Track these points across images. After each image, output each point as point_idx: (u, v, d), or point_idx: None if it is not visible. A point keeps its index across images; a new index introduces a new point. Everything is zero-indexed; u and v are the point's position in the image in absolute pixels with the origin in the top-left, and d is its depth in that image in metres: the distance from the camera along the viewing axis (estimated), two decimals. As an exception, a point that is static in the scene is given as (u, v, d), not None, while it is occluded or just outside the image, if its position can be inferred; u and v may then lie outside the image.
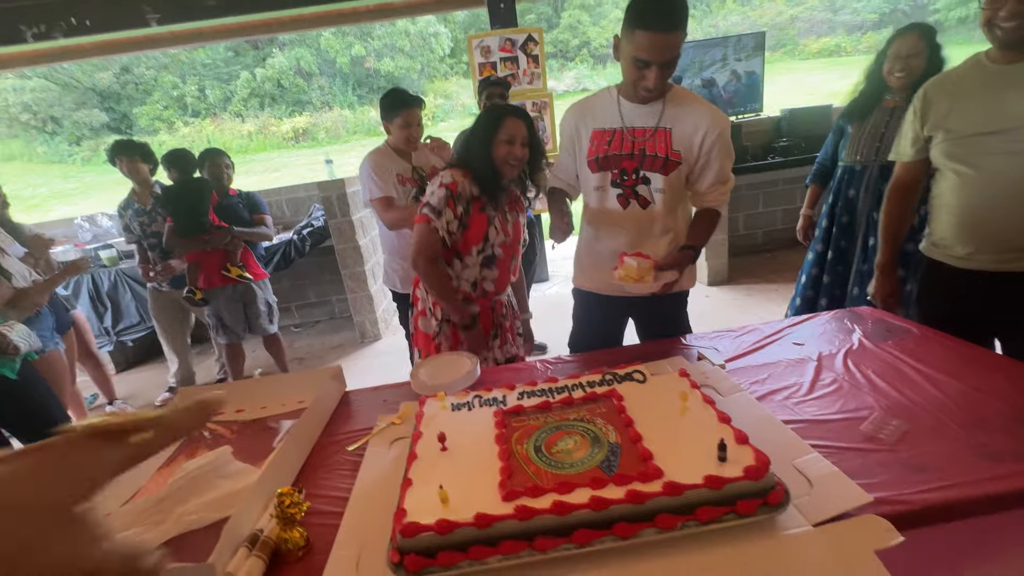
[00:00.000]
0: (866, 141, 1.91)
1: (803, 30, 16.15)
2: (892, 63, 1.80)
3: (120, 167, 2.66)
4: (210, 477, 0.96)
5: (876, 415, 0.88)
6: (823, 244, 2.12)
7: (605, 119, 1.32)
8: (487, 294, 1.46)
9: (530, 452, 0.81)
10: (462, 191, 1.34)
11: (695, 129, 1.24)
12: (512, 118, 1.33)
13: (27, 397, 1.63)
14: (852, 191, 1.97)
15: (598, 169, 1.34)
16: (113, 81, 14.56)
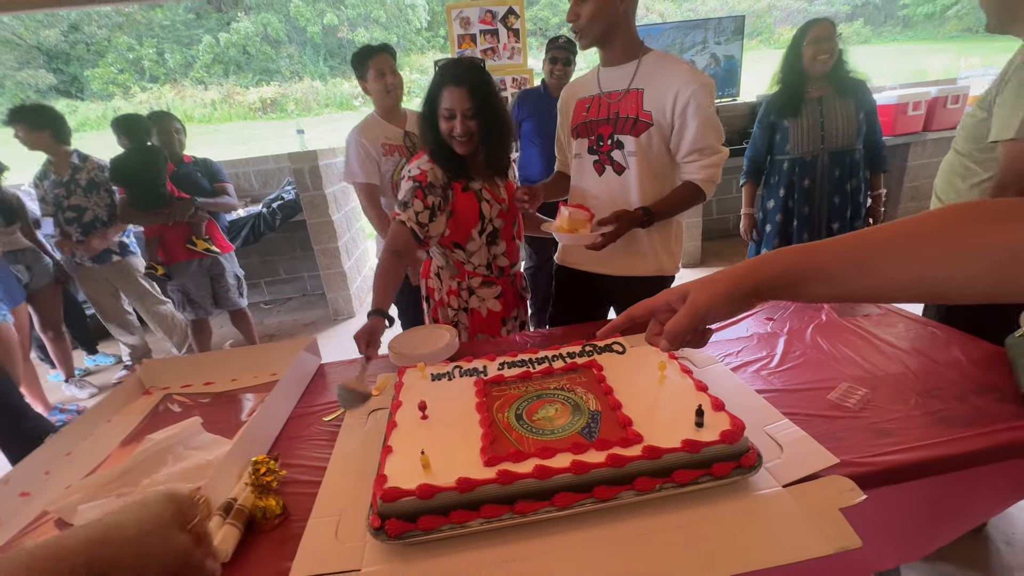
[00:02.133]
0: (809, 133, 1.98)
1: (779, 18, 16.35)
2: (816, 47, 1.90)
3: (18, 136, 2.34)
4: (178, 448, 0.93)
5: (843, 385, 0.92)
6: (780, 239, 2.15)
7: (586, 89, 1.33)
8: (504, 271, 1.38)
9: (511, 420, 0.81)
10: (432, 180, 1.22)
11: (667, 89, 1.19)
12: (449, 87, 1.14)
13: None
14: (807, 181, 2.04)
15: (577, 136, 1.34)
16: (61, 39, 13.50)
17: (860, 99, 1.95)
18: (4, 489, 0.84)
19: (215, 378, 1.24)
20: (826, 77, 1.93)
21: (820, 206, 2.06)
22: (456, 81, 1.15)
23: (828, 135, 1.96)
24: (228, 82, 14.01)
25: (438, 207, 1.23)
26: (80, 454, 0.97)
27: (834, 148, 1.98)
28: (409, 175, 1.26)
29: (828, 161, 2.00)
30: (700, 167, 1.25)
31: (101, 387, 2.91)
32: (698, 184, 1.26)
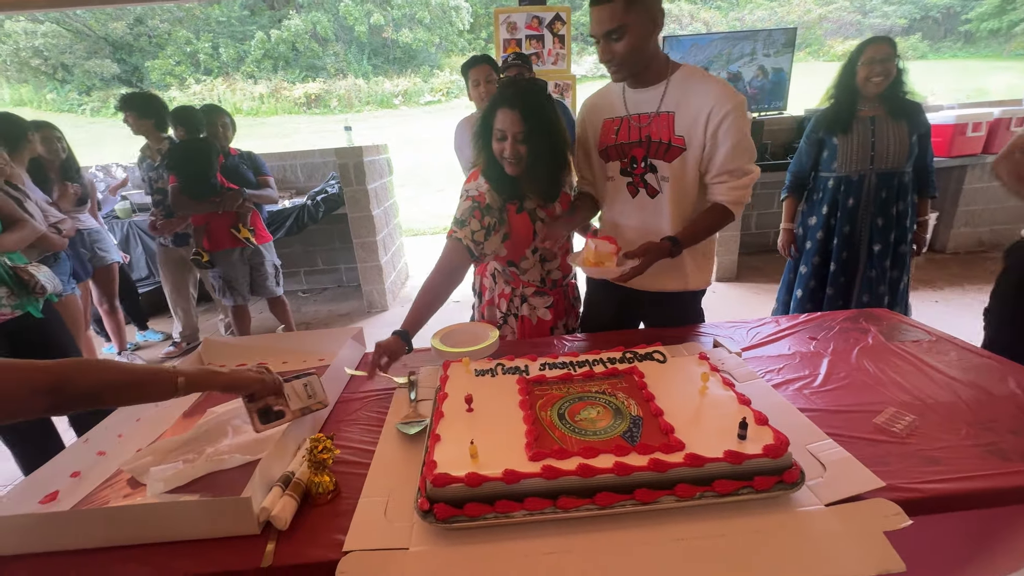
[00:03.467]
0: (858, 152, 1.93)
1: (830, 30, 15.82)
2: (870, 68, 1.85)
3: (127, 120, 2.65)
4: (236, 423, 0.99)
5: (889, 409, 0.91)
6: (820, 257, 2.11)
7: (613, 108, 1.27)
8: (556, 283, 1.41)
9: (554, 418, 0.83)
10: (491, 202, 1.23)
11: (699, 110, 1.14)
12: (503, 108, 1.14)
13: (50, 335, 1.67)
14: (852, 200, 1.99)
15: (608, 159, 1.29)
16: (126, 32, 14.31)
17: (914, 121, 1.89)
18: (84, 447, 0.92)
19: (268, 359, 1.31)
20: (880, 97, 1.89)
21: (863, 226, 2.01)
22: (510, 104, 1.15)
23: (878, 155, 1.91)
24: (276, 77, 14.54)
25: (493, 227, 1.24)
26: (148, 421, 1.05)
27: (883, 169, 1.93)
28: (468, 195, 1.26)
29: (875, 182, 1.95)
30: (729, 188, 1.20)
31: (149, 361, 3.08)
32: (726, 206, 1.22)
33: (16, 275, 1.57)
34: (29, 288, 1.58)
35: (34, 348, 1.64)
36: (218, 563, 0.68)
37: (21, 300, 1.59)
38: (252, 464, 0.87)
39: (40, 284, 1.58)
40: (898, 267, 2.04)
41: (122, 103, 2.64)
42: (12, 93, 13.66)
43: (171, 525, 0.72)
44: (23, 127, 2.22)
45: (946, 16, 15.77)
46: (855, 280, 2.08)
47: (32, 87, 13.83)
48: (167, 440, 0.94)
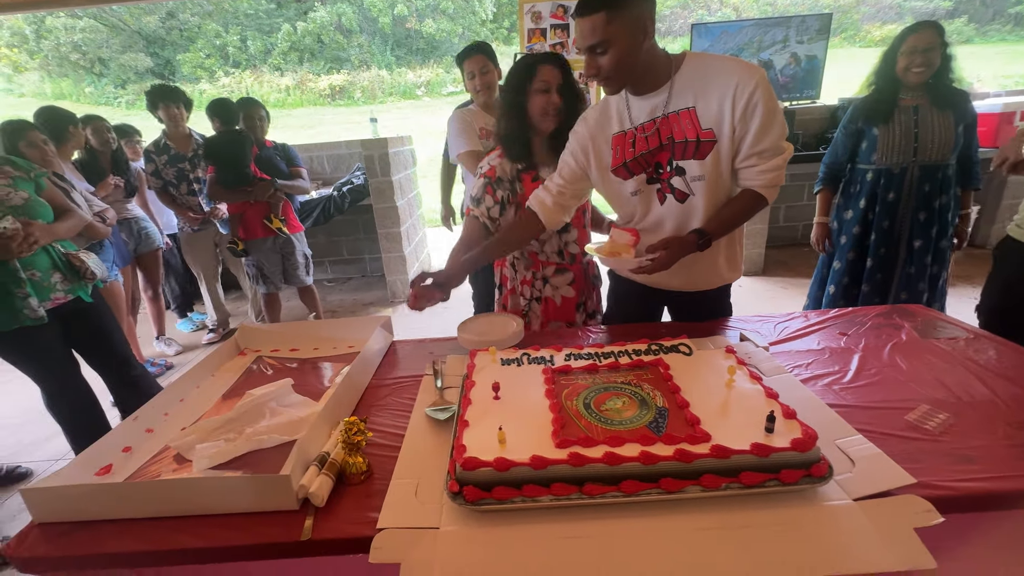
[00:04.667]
0: (900, 142, 1.85)
1: (868, 15, 15.11)
2: (910, 58, 1.77)
3: (161, 113, 2.74)
4: (273, 405, 1.04)
5: (922, 407, 0.89)
6: (855, 252, 2.02)
7: (619, 122, 1.19)
8: (575, 258, 1.43)
9: (580, 407, 0.85)
10: (501, 175, 1.31)
11: (723, 95, 1.06)
12: (546, 65, 1.26)
13: (98, 319, 1.78)
14: (892, 194, 1.91)
15: (630, 174, 1.20)
16: (159, 25, 14.70)
17: (960, 111, 1.81)
18: (134, 425, 0.98)
19: (299, 345, 1.36)
20: (924, 85, 1.80)
21: (903, 221, 1.93)
22: (550, 61, 1.27)
23: (922, 146, 1.83)
24: (302, 69, 14.74)
25: (507, 200, 1.31)
26: (191, 401, 1.11)
27: (926, 161, 1.85)
28: (480, 172, 1.33)
29: (918, 174, 1.87)
30: (759, 172, 1.10)
31: (185, 346, 3.21)
32: (759, 191, 1.12)
33: (68, 261, 1.66)
34: (80, 274, 1.67)
35: (84, 331, 1.74)
36: (261, 535, 0.72)
37: (73, 285, 1.68)
38: (289, 444, 0.91)
39: (90, 270, 1.67)
40: (938, 262, 1.97)
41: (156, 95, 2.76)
42: (54, 87, 14.22)
43: (217, 499, 0.76)
44: (67, 120, 2.33)
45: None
46: (893, 277, 2.01)
47: (72, 81, 14.37)
48: (209, 420, 0.99)
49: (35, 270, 1.57)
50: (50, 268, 1.62)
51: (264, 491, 0.75)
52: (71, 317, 1.68)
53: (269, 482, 0.75)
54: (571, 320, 1.47)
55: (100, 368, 1.86)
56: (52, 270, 1.63)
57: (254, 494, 0.75)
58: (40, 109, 2.35)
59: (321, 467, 0.80)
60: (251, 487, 0.75)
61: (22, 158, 1.72)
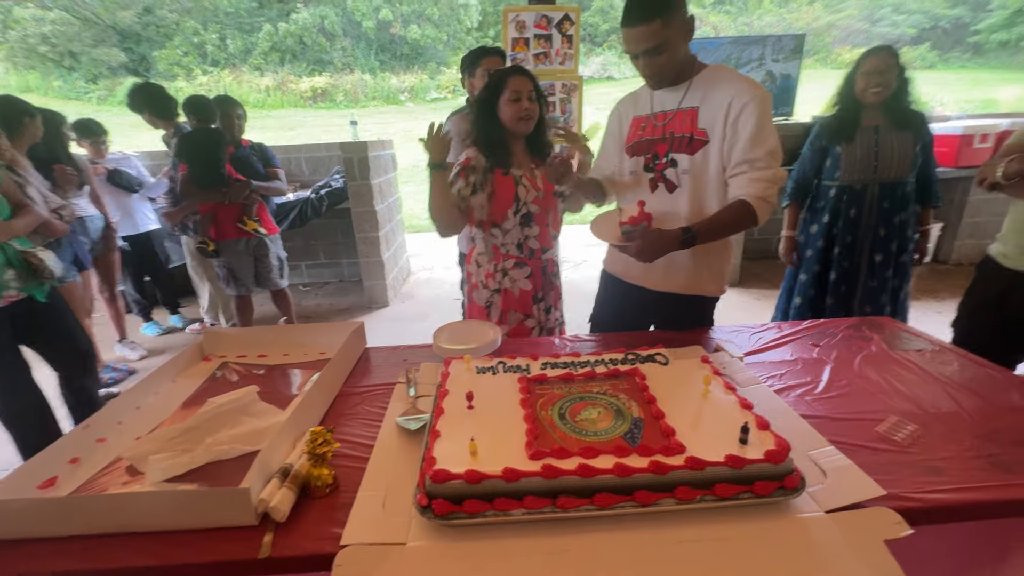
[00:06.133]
0: (861, 161, 1.92)
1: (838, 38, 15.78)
2: (867, 79, 1.84)
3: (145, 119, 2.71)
4: (236, 413, 0.99)
5: (891, 418, 0.90)
6: (820, 265, 2.10)
7: (642, 107, 1.34)
8: (534, 252, 1.50)
9: (555, 418, 0.83)
10: (476, 164, 1.40)
11: (721, 102, 1.16)
12: (515, 75, 1.37)
13: (56, 319, 1.70)
14: (854, 210, 1.99)
15: (633, 154, 1.35)
16: (134, 20, 14.30)
17: (918, 131, 1.88)
18: (84, 433, 0.92)
19: (268, 351, 1.31)
20: (884, 106, 1.88)
21: (864, 236, 2.01)
22: (519, 72, 1.38)
23: (882, 165, 1.90)
24: (283, 70, 14.53)
25: (479, 185, 1.40)
26: (148, 409, 1.05)
27: (886, 179, 1.92)
28: (457, 161, 1.43)
29: (878, 192, 1.94)
30: (750, 180, 1.14)
31: (151, 351, 3.08)
32: (748, 201, 1.14)
33: (25, 259, 1.59)
34: (37, 272, 1.60)
35: (37, 332, 1.65)
36: (216, 553, 0.68)
37: (27, 284, 1.60)
38: (251, 455, 0.86)
39: (48, 269, 1.61)
40: (899, 276, 2.05)
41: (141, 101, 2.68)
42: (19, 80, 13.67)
43: (169, 514, 0.71)
44: (23, 111, 2.22)
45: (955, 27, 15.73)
46: (856, 290, 2.08)
47: (39, 74, 13.84)
48: (167, 429, 0.94)
49: None
50: (3, 265, 1.55)
51: (221, 506, 0.71)
52: (23, 317, 1.60)
53: (226, 496, 0.70)
54: (528, 312, 1.53)
55: (63, 368, 1.77)
56: (5, 267, 1.55)
57: (210, 509, 0.71)
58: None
59: (284, 479, 0.76)
60: (206, 501, 0.71)
61: None
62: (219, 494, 0.71)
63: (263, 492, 0.73)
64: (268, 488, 0.74)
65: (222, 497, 0.71)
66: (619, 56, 15.12)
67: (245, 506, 0.71)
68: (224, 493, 0.71)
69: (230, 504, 0.71)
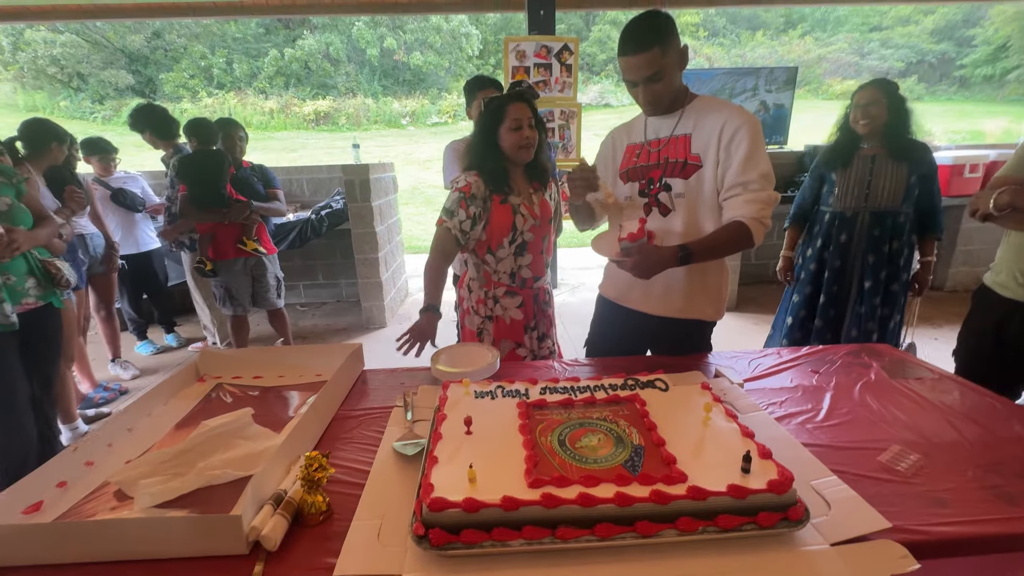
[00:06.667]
0: (854, 189, 1.98)
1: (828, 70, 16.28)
2: (858, 111, 1.92)
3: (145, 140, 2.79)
4: (230, 437, 0.97)
5: (894, 447, 0.90)
6: (812, 287, 2.14)
7: (636, 135, 1.37)
8: (526, 282, 1.48)
9: (554, 444, 0.82)
10: (475, 192, 1.37)
11: (712, 128, 1.20)
12: (515, 103, 1.35)
13: (53, 333, 1.74)
14: (844, 236, 2.03)
15: (627, 180, 1.37)
16: (144, 44, 14.64)
17: (916, 162, 1.92)
18: (72, 456, 0.90)
19: (264, 372, 1.29)
20: (883, 136, 1.93)
21: (854, 262, 2.05)
22: (521, 98, 1.38)
23: (873, 193, 1.94)
24: (287, 94, 14.82)
25: (478, 216, 1.38)
26: (140, 431, 1.03)
27: (876, 208, 1.96)
28: (456, 186, 1.40)
29: (869, 220, 1.98)
30: (744, 201, 1.16)
31: (144, 370, 3.05)
32: (743, 222, 1.16)
33: (45, 268, 1.65)
34: (56, 281, 1.66)
35: (40, 340, 1.70)
36: (203, 584, 0.66)
37: (46, 291, 1.66)
38: (244, 480, 0.85)
39: (65, 277, 1.67)
40: (889, 305, 2.06)
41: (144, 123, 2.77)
42: (26, 99, 13.88)
43: (157, 542, 0.69)
44: (51, 136, 2.26)
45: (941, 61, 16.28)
46: (845, 314, 2.11)
47: (47, 94, 14.07)
48: (158, 452, 0.92)
49: (11, 275, 1.56)
50: (26, 274, 1.61)
51: (211, 533, 0.69)
52: (31, 324, 1.63)
53: (216, 523, 0.69)
54: (520, 341, 1.52)
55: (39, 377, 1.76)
56: (27, 275, 1.62)
57: (200, 537, 0.69)
58: (27, 120, 2.28)
59: (277, 506, 0.74)
60: (196, 529, 0.69)
61: None
62: (210, 521, 0.69)
63: (255, 519, 0.71)
64: (260, 515, 0.72)
65: (213, 524, 0.69)
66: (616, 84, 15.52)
67: (236, 534, 0.69)
68: (215, 520, 0.69)
69: (221, 532, 0.69)
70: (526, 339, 1.51)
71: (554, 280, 4.42)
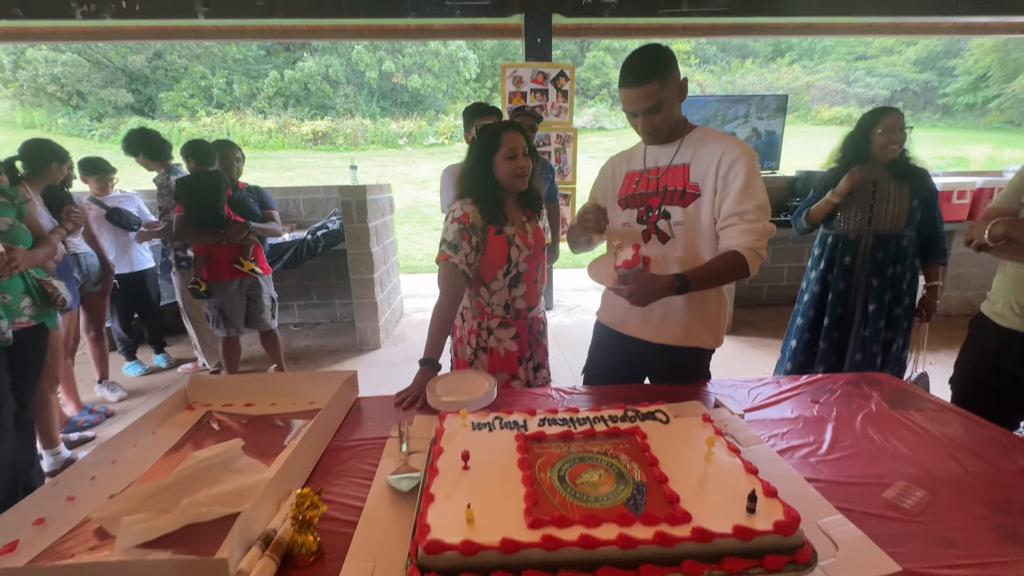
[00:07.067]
0: (856, 212, 1.99)
1: (817, 97, 16.74)
2: (887, 136, 1.92)
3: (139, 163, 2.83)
4: (218, 470, 0.94)
5: (899, 483, 0.88)
6: (815, 310, 2.14)
7: (636, 163, 1.38)
8: (520, 312, 1.46)
9: (554, 480, 0.80)
10: (474, 221, 1.35)
11: (711, 158, 1.21)
12: (509, 132, 1.35)
13: (37, 354, 1.74)
14: (848, 258, 2.04)
15: (626, 207, 1.37)
16: (144, 64, 14.82)
17: (917, 186, 1.95)
18: (53, 491, 0.86)
19: (256, 400, 1.26)
20: (886, 162, 1.95)
21: (858, 285, 2.05)
22: (516, 128, 1.38)
23: (876, 217, 1.96)
24: (286, 114, 14.99)
25: (479, 247, 1.36)
26: (124, 463, 0.99)
27: (880, 231, 1.98)
28: (454, 216, 1.37)
29: (872, 243, 2.00)
30: (741, 231, 1.17)
31: (132, 391, 2.98)
32: (740, 252, 1.16)
33: (41, 287, 1.67)
34: (51, 300, 1.68)
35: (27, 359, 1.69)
36: (185, 633, 0.63)
37: (40, 311, 1.68)
38: (232, 517, 0.81)
39: (61, 296, 1.68)
40: (892, 328, 2.06)
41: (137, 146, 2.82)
42: (24, 116, 13.94)
43: (138, 586, 0.66)
44: (51, 156, 2.26)
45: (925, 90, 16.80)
46: (849, 337, 2.10)
47: (45, 111, 14.13)
48: (142, 487, 0.89)
49: (7, 293, 1.58)
50: (22, 292, 1.63)
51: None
52: (20, 343, 1.61)
53: (201, 567, 0.66)
54: (514, 373, 1.49)
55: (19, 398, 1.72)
56: (24, 294, 1.63)
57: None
58: (28, 140, 2.28)
59: (266, 547, 0.71)
60: (181, 572, 0.66)
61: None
62: (195, 565, 0.66)
63: (242, 562, 0.68)
64: (247, 557, 0.69)
65: (197, 568, 0.66)
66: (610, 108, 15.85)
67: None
68: (200, 564, 0.66)
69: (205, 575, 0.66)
70: (520, 370, 1.49)
71: (549, 302, 4.42)
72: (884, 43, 17.23)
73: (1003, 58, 15.27)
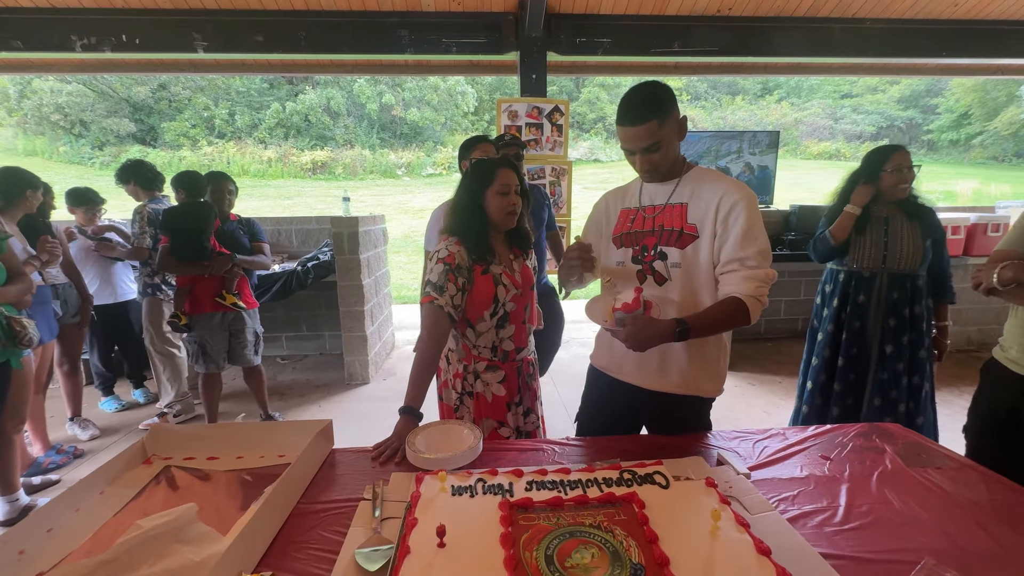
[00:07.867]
0: (870, 250, 1.94)
1: (805, 132, 17.20)
2: (899, 175, 1.88)
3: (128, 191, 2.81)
4: (166, 541, 0.84)
5: (928, 562, 0.79)
6: (830, 350, 2.05)
7: (631, 200, 1.33)
8: (508, 355, 1.39)
9: (540, 562, 0.71)
10: (460, 261, 1.30)
11: (710, 200, 1.18)
12: (503, 169, 1.34)
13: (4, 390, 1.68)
14: (862, 296, 1.98)
15: (620, 245, 1.32)
16: (148, 95, 15.11)
17: (928, 225, 1.91)
18: (-29, 569, 0.76)
19: (220, 452, 1.16)
20: (895, 200, 1.92)
21: (874, 325, 1.96)
22: (510, 165, 1.36)
23: (891, 256, 1.91)
24: (286, 144, 15.21)
25: (465, 288, 1.31)
26: (62, 530, 0.89)
27: (895, 270, 1.92)
28: (439, 257, 1.32)
29: (887, 282, 1.93)
30: (742, 278, 1.12)
31: (105, 429, 2.84)
32: (741, 299, 1.11)
33: (10, 325, 1.58)
34: (19, 339, 1.59)
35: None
36: None
37: (5, 350, 1.60)
38: (172, 603, 0.71)
39: (28, 335, 1.60)
40: (918, 373, 1.96)
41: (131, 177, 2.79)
42: (26, 143, 14.07)
43: None
44: (25, 183, 2.20)
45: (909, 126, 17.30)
46: (866, 379, 2.00)
47: (47, 139, 14.29)
48: (75, 564, 0.78)
49: None
50: None
51: None
52: None
53: None
54: (502, 419, 1.40)
55: None
56: None
57: None
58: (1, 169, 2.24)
59: (202, 648, 0.61)
60: None
61: None
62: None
63: (172, 670, 0.58)
64: (179, 663, 0.59)
65: None
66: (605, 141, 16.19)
67: None
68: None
69: None
70: (509, 416, 1.40)
71: (545, 334, 4.33)
72: (868, 82, 17.85)
73: (983, 97, 15.83)
